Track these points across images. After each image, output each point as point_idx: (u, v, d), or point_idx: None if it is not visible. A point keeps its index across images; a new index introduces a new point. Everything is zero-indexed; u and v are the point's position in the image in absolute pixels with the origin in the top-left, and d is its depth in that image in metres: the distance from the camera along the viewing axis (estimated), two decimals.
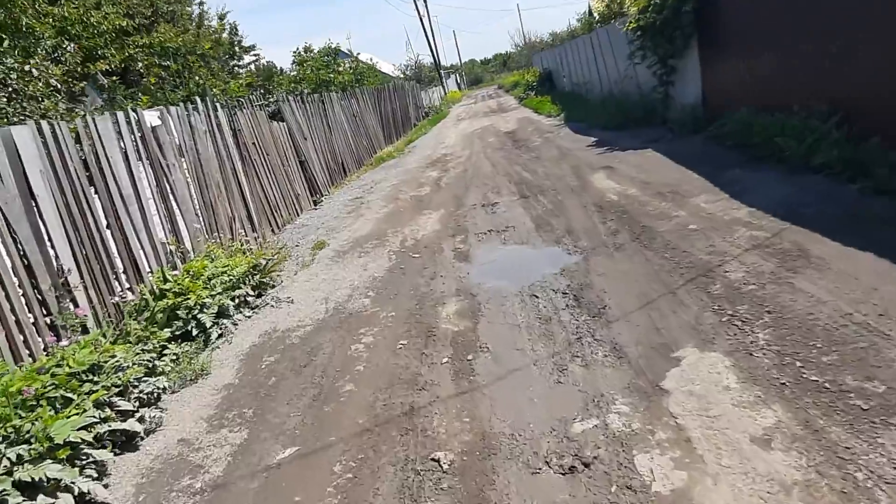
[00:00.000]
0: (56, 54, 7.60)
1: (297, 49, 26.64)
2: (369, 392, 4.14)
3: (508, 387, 3.84)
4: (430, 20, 47.28)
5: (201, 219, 7.45)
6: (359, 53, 31.33)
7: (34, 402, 3.59)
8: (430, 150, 17.20)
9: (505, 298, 5.21)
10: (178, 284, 5.50)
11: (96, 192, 5.72)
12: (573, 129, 14.45)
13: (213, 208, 7.77)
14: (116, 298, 5.46)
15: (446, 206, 9.10)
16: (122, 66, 8.75)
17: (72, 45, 7.60)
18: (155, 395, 4.40)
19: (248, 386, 4.59)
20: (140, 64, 8.82)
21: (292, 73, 27.08)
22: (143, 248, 6.18)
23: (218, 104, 8.62)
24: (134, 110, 6.51)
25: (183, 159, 7.35)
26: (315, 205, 12.54)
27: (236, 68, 24.10)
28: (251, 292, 6.07)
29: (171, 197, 6.90)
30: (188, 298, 5.36)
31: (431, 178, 12.09)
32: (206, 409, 4.36)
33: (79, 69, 7.75)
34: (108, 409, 3.85)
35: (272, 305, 6.02)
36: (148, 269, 6.19)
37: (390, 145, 21.81)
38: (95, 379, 4.00)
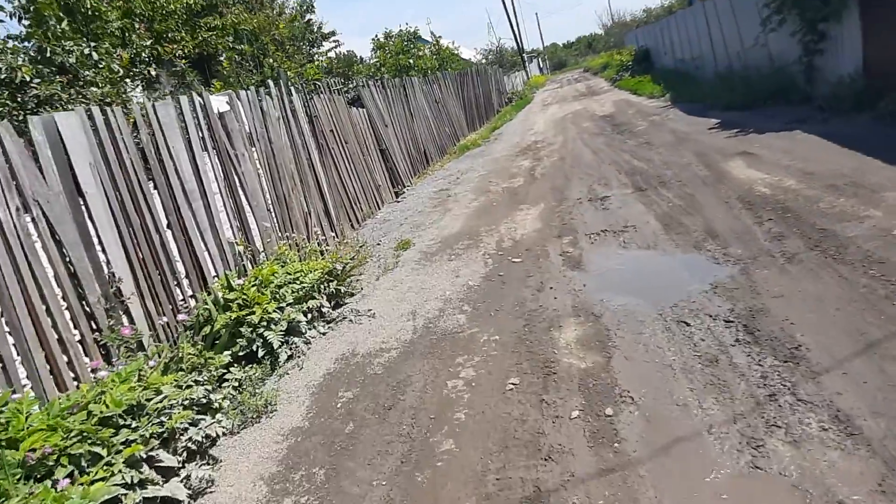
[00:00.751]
0: (124, 37, 7.05)
1: (376, 35, 26.00)
2: (475, 456, 3.09)
3: (677, 468, 2.67)
4: (513, 2, 45.50)
5: (273, 215, 6.68)
6: (440, 37, 30.35)
7: (52, 462, 2.80)
8: (518, 137, 15.94)
9: (641, 324, 4.00)
10: (244, 295, 4.68)
11: (155, 188, 5.01)
12: (684, 110, 12.74)
13: (287, 203, 6.99)
14: (180, 316, 4.71)
15: (546, 201, 7.89)
16: (196, 50, 8.13)
17: (139, 27, 7.01)
18: (209, 440, 3.56)
19: (321, 432, 3.66)
20: (214, 48, 8.19)
21: (372, 61, 26.60)
22: (208, 249, 5.44)
23: (293, 88, 7.85)
24: (200, 95, 5.78)
25: (253, 149, 6.60)
26: (397, 196, 11.68)
27: (316, 56, 23.80)
28: (326, 303, 5.19)
29: (239, 191, 6.15)
30: (253, 312, 4.53)
31: (524, 168, 10.89)
32: (268, 463, 3.47)
33: (146, 53, 7.17)
34: (145, 468, 3.02)
35: (350, 320, 5.10)
36: (214, 274, 5.45)
37: (473, 132, 20.73)
38: (134, 424, 3.19)
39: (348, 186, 9.22)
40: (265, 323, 4.48)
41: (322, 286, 5.32)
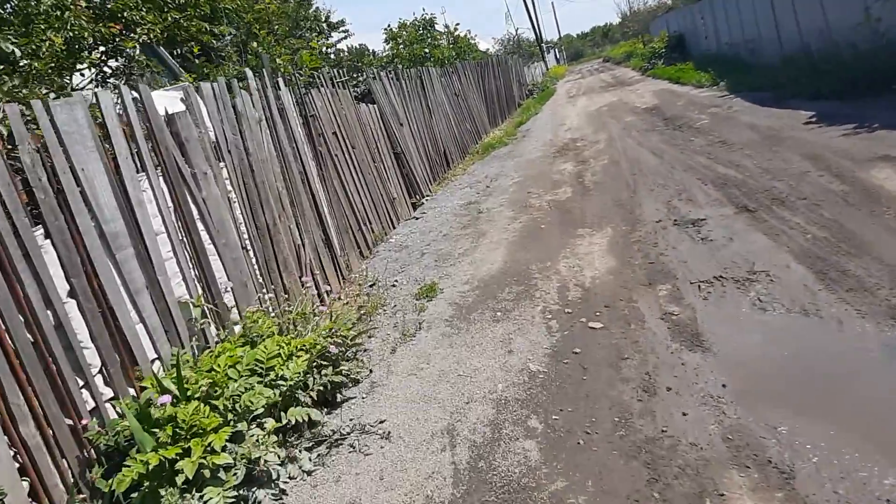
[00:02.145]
0: (61, 18, 5.29)
1: (389, 25, 24.13)
2: None
3: None
4: None
5: (252, 254, 4.90)
6: (457, 24, 28.48)
7: None
8: (551, 134, 14.01)
9: None
10: (183, 410, 2.89)
11: (48, 236, 3.23)
12: (752, 100, 10.74)
13: (271, 235, 5.20)
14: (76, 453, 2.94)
15: (612, 222, 6.03)
16: (165, 34, 6.36)
17: (76, 3, 5.24)
18: None
19: None
20: (188, 31, 6.41)
21: (384, 54, 24.78)
22: (143, 320, 3.66)
23: (282, 80, 6.04)
24: (134, 89, 4.00)
25: (222, 164, 4.81)
26: (415, 209, 9.87)
27: (324, 46, 22.00)
28: (316, 410, 3.37)
29: (199, 225, 4.36)
30: (190, 448, 2.73)
31: (568, 174, 8.99)
32: None
33: (90, 36, 5.40)
34: None
35: (352, 445, 3.24)
36: (153, 356, 3.68)
37: (496, 129, 18.84)
38: None
39: (356, 203, 7.41)
40: (211, 469, 2.68)
41: (311, 378, 3.51)
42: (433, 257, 6.34)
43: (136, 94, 3.99)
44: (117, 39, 5.90)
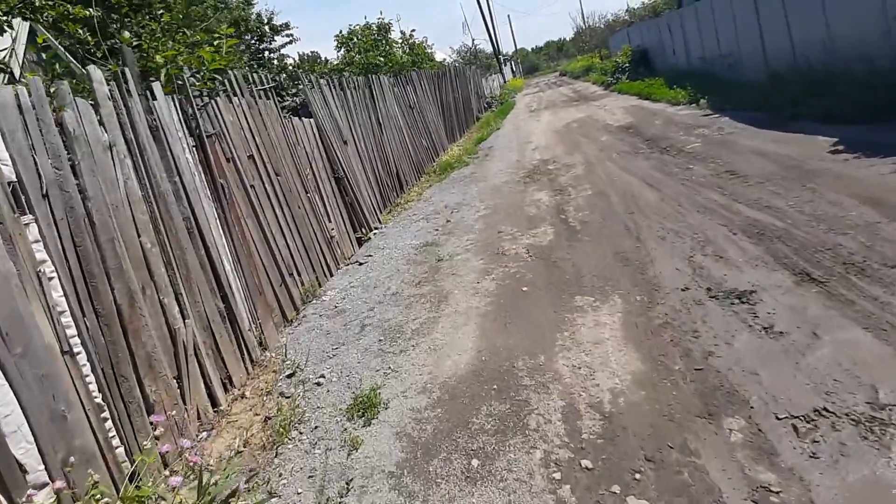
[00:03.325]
0: None
1: (340, 31, 22.37)
2: None
3: None
4: (488, 2, 42.25)
5: (86, 358, 3.07)
6: (413, 30, 26.85)
7: None
8: (516, 154, 12.51)
9: None
10: None
11: None
12: (745, 121, 9.49)
13: (126, 321, 3.38)
14: None
15: (619, 286, 4.46)
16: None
17: None
18: None
19: None
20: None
21: (336, 62, 22.98)
22: None
23: (159, 84, 4.22)
24: None
25: (28, 218, 2.98)
26: (360, 245, 8.15)
27: (267, 52, 20.03)
28: None
29: None
30: None
31: (545, 206, 7.44)
32: None
33: None
34: None
35: None
36: None
37: (454, 145, 17.29)
38: None
39: (278, 250, 5.62)
40: None
41: None
42: (377, 333, 4.61)
43: None
44: None
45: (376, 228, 8.74)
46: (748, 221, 5.08)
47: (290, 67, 18.49)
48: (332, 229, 7.25)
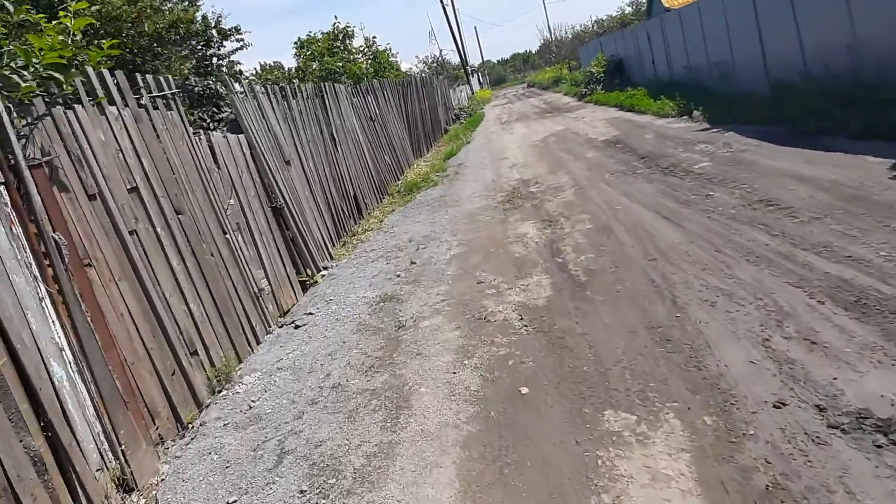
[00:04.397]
0: None
1: (300, 38, 20.64)
2: None
3: None
4: (454, 9, 41.09)
5: None
6: (375, 37, 25.33)
7: None
8: (492, 173, 11.03)
9: None
10: None
11: None
12: (755, 136, 8.20)
13: None
14: None
15: (667, 392, 2.94)
16: None
17: None
18: None
19: None
20: None
21: (294, 69, 21.29)
22: None
23: None
24: None
25: None
26: (304, 290, 6.52)
27: (215, 59, 18.18)
28: None
29: None
30: None
31: (534, 244, 5.93)
32: None
33: None
34: None
35: None
36: None
37: (421, 160, 15.79)
38: None
39: (172, 319, 3.95)
40: None
41: None
42: (301, 472, 2.97)
43: None
44: None
45: (326, 268, 7.12)
46: (832, 281, 3.64)
47: (226, 75, 16.72)
48: (263, 279, 5.58)
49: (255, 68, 20.69)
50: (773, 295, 3.64)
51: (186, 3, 16.92)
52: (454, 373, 3.62)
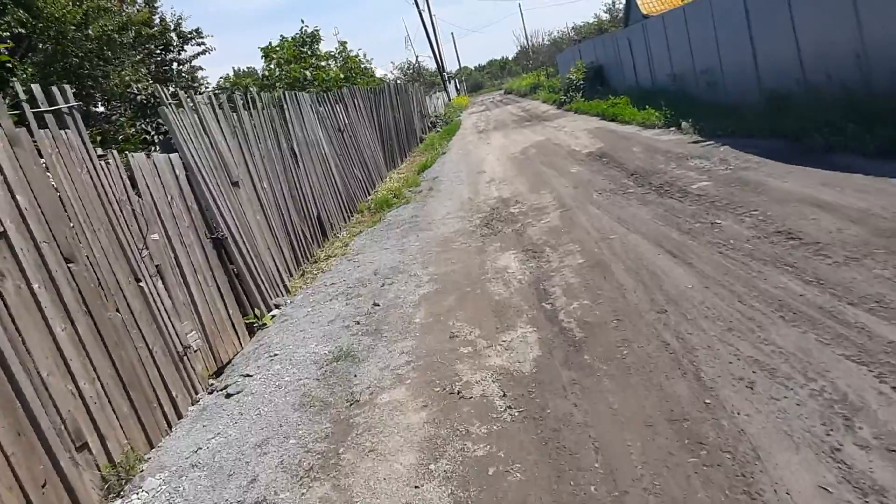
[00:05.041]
0: None
1: (270, 42, 19.54)
2: None
3: None
4: (430, 15, 40.36)
5: None
6: (345, 42, 24.38)
7: None
8: (468, 190, 10.18)
9: None
10: None
11: None
12: (754, 151, 7.47)
13: None
14: None
15: None
16: None
17: None
18: None
19: None
20: None
21: (260, 75, 20.28)
22: None
23: None
24: None
25: None
26: (252, 334, 5.59)
27: (175, 64, 17.05)
28: None
29: None
30: None
31: (517, 283, 5.06)
32: None
33: None
34: None
35: None
36: None
37: (394, 171, 14.91)
38: None
39: (52, 405, 2.98)
40: None
41: None
42: None
43: None
44: None
45: (278, 306, 6.17)
46: None
47: (187, 82, 15.67)
48: (192, 332, 4.61)
49: (226, 74, 19.67)
50: (830, 375, 2.82)
51: (146, 6, 15.83)
52: (416, 486, 2.72)
